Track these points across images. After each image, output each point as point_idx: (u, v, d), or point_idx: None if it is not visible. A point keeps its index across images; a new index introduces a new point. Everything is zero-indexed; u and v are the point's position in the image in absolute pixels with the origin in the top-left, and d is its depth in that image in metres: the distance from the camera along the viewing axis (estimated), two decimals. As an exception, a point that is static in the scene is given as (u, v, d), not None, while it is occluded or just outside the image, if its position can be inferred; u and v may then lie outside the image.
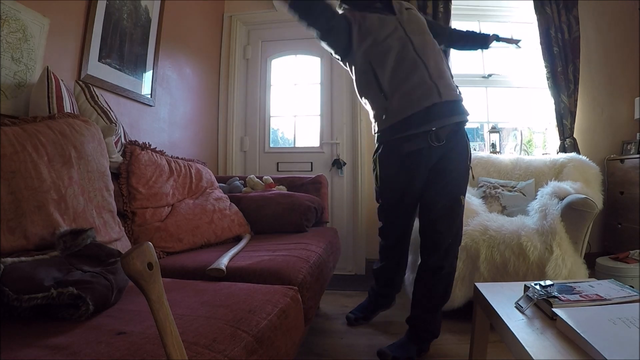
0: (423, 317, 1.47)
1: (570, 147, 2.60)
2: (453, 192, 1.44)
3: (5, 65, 1.26)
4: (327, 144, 2.94)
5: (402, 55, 1.43)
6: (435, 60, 1.45)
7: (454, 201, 1.44)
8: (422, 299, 1.48)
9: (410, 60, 1.42)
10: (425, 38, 1.49)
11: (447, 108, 1.40)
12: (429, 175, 1.46)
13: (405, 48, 1.43)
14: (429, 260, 1.46)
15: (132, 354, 0.60)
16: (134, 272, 0.49)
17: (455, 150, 1.44)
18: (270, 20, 2.99)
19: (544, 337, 0.77)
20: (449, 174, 1.44)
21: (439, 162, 1.44)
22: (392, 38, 1.44)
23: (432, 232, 1.45)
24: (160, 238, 1.47)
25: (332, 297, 2.24)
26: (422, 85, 1.39)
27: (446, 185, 1.44)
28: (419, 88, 1.39)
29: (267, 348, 0.77)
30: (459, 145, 1.46)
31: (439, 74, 1.42)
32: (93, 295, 0.78)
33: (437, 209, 1.44)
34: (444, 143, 1.40)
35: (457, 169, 1.46)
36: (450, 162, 1.44)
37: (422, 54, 1.44)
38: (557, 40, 2.64)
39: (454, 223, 1.45)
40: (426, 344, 1.49)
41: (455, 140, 1.44)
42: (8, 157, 0.94)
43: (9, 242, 0.89)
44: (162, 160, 1.70)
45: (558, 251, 1.64)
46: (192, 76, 2.60)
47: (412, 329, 1.49)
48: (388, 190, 1.56)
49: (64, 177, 1.06)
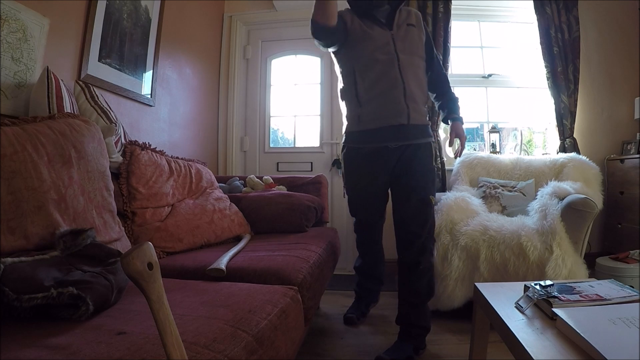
0: (411, 314, 1.50)
1: (570, 147, 2.60)
2: (420, 192, 1.50)
3: (5, 65, 1.26)
4: (327, 144, 2.95)
5: (385, 70, 1.49)
6: (416, 82, 1.51)
7: (422, 201, 1.50)
8: (407, 296, 1.52)
9: (391, 78, 1.48)
10: (413, 59, 1.53)
11: (412, 131, 1.51)
12: (394, 176, 1.53)
13: (391, 64, 1.49)
14: (404, 256, 1.52)
15: (132, 354, 0.60)
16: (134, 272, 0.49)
17: (417, 153, 1.51)
18: (270, 20, 2.99)
19: (544, 337, 0.77)
20: (413, 175, 1.50)
21: (400, 163, 1.51)
22: (380, 52, 1.49)
23: (404, 231, 1.52)
24: (160, 238, 1.46)
25: (332, 297, 2.24)
26: (396, 104, 1.48)
27: (413, 186, 1.50)
28: (392, 106, 1.48)
29: (267, 348, 0.77)
30: (421, 148, 1.53)
31: (414, 98, 1.49)
32: (93, 295, 0.78)
33: (407, 208, 1.51)
34: (404, 147, 1.50)
35: (421, 171, 1.52)
36: (413, 164, 1.51)
37: (405, 73, 1.49)
38: (557, 40, 2.64)
39: (425, 222, 1.50)
40: (421, 339, 1.51)
41: (417, 146, 1.52)
42: (8, 157, 0.94)
43: (9, 242, 0.89)
44: (162, 160, 1.70)
45: (558, 251, 1.64)
46: (192, 76, 2.60)
47: (404, 328, 1.51)
48: (353, 187, 1.66)
49: (64, 177, 1.06)
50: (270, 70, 3.08)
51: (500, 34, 3.02)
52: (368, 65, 1.51)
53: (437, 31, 2.64)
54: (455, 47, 2.81)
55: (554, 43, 2.63)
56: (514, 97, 2.98)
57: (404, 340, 1.49)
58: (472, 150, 2.80)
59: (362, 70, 1.52)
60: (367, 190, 1.62)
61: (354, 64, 1.53)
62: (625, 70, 2.76)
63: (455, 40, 2.79)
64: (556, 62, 2.63)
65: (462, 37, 2.97)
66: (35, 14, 1.37)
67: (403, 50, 1.50)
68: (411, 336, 1.49)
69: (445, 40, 2.65)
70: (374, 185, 1.59)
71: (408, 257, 1.50)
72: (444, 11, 2.66)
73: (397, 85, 1.47)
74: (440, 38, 2.63)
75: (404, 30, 1.54)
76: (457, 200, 2.00)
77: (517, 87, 2.96)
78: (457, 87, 2.95)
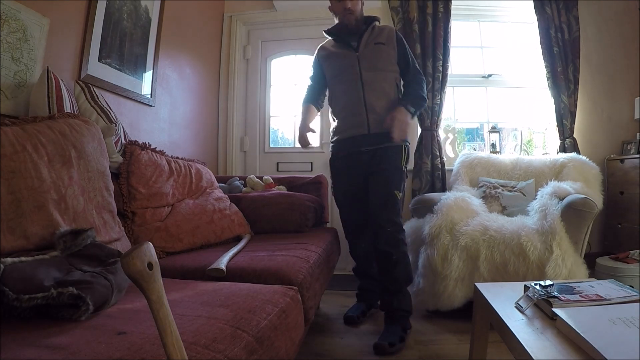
0: (393, 300, 1.65)
1: (570, 147, 2.60)
2: (386, 187, 1.67)
3: (5, 65, 1.26)
4: (327, 144, 2.93)
5: (348, 88, 1.75)
6: (378, 95, 1.72)
7: (388, 195, 1.66)
8: (386, 284, 1.67)
9: (354, 96, 1.73)
10: (377, 75, 1.73)
11: (374, 139, 1.72)
12: (367, 175, 1.73)
13: (354, 82, 1.73)
14: (377, 247, 1.67)
15: (132, 354, 0.60)
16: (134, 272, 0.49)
17: (386, 153, 1.71)
18: (270, 20, 2.99)
19: (544, 337, 0.77)
20: (382, 173, 1.69)
21: (372, 164, 1.71)
22: (346, 73, 1.76)
23: (373, 223, 1.68)
24: (160, 238, 1.47)
25: (332, 297, 2.24)
26: (357, 117, 1.73)
27: (380, 182, 1.69)
28: (354, 119, 1.74)
29: (267, 348, 0.77)
30: (390, 150, 1.71)
31: (375, 110, 1.71)
32: (93, 295, 0.78)
33: (374, 203, 1.68)
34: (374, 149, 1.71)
35: (387, 169, 1.70)
36: (381, 162, 1.70)
37: (367, 89, 1.72)
38: (557, 40, 2.64)
39: (390, 214, 1.65)
40: (405, 320, 1.66)
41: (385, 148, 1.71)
42: (8, 157, 0.94)
43: (9, 242, 0.89)
44: (162, 160, 1.70)
45: (558, 251, 1.64)
46: (192, 76, 2.60)
47: (388, 314, 1.66)
48: (337, 188, 1.88)
49: (64, 177, 1.06)
50: (270, 70, 3.08)
51: (500, 34, 3.01)
52: (336, 86, 1.82)
53: (437, 31, 2.64)
54: (455, 47, 2.81)
55: (554, 43, 2.63)
56: (514, 97, 2.98)
57: (391, 324, 1.62)
58: (472, 150, 2.80)
59: (332, 90, 1.86)
60: (348, 190, 1.82)
61: (329, 85, 1.88)
62: (625, 70, 2.76)
63: (455, 40, 2.78)
64: (556, 62, 2.63)
65: (462, 37, 2.96)
66: (35, 14, 1.37)
67: (367, 69, 1.72)
68: (397, 318, 1.63)
69: (445, 40, 2.65)
70: (353, 186, 1.79)
71: (380, 247, 1.64)
72: (444, 11, 2.66)
73: (358, 101, 1.72)
74: (440, 38, 2.63)
75: (371, 49, 1.74)
76: (457, 200, 2.00)
77: (517, 87, 2.96)
78: (457, 87, 2.96)
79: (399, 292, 1.66)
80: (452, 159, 2.74)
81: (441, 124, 2.72)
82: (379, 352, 1.49)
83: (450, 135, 2.86)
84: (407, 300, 1.68)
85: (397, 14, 2.71)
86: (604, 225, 2.68)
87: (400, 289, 1.66)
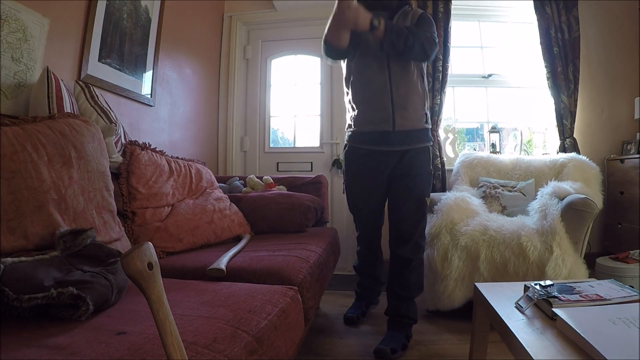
0: (401, 306, 1.59)
1: (570, 147, 2.60)
2: (417, 194, 1.59)
3: (5, 65, 1.26)
4: (327, 144, 2.94)
5: (374, 75, 1.54)
6: (406, 88, 1.53)
7: (419, 202, 1.59)
8: (397, 290, 1.61)
9: (380, 84, 1.53)
10: (405, 64, 1.54)
11: (397, 138, 1.55)
12: (392, 177, 1.61)
13: (381, 71, 1.53)
14: (397, 252, 1.60)
15: (132, 354, 0.60)
16: (134, 272, 0.49)
17: (416, 157, 1.58)
18: (270, 20, 2.99)
19: (544, 337, 0.77)
20: (413, 178, 1.58)
21: (399, 166, 1.58)
22: (372, 57, 1.54)
23: (399, 229, 1.60)
24: (160, 238, 1.46)
25: (332, 297, 2.24)
26: (383, 111, 1.53)
27: (411, 188, 1.58)
28: (379, 112, 1.54)
29: (267, 348, 0.77)
30: (420, 153, 1.59)
31: (402, 104, 1.52)
32: (93, 295, 0.78)
33: (404, 209, 1.59)
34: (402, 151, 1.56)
35: (420, 174, 1.59)
36: (412, 167, 1.58)
37: (395, 80, 1.52)
38: (557, 40, 2.64)
39: (419, 221, 1.61)
40: (409, 329, 1.61)
41: (416, 150, 1.58)
42: (8, 157, 0.94)
43: (9, 242, 0.89)
44: (162, 160, 1.70)
45: (558, 251, 1.64)
46: (192, 76, 2.60)
47: (394, 319, 1.61)
48: (352, 184, 1.73)
49: (64, 177, 1.06)
50: (270, 70, 3.08)
51: (500, 34, 3.01)
52: (360, 70, 1.58)
53: (437, 31, 2.63)
54: (455, 47, 2.81)
55: (554, 43, 2.63)
56: (514, 97, 2.98)
57: (395, 330, 1.58)
58: (472, 150, 2.80)
59: (355, 75, 1.60)
60: (365, 188, 1.69)
61: (350, 68, 1.63)
62: (625, 70, 2.76)
63: (455, 40, 2.78)
64: (556, 62, 2.63)
65: (462, 37, 2.96)
66: (35, 14, 1.37)
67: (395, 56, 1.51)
68: (401, 325, 1.58)
69: (445, 40, 2.65)
70: (372, 184, 1.66)
71: (402, 254, 1.59)
72: (444, 11, 2.66)
73: (385, 92, 1.52)
74: (440, 38, 2.63)
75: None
76: (457, 200, 2.00)
77: (517, 87, 2.96)
78: (457, 87, 2.96)
79: (409, 299, 1.61)
80: (452, 159, 2.75)
81: (441, 124, 2.72)
82: (380, 356, 1.46)
83: (450, 135, 2.86)
84: (414, 308, 1.64)
85: (397, 14, 2.71)
86: (604, 225, 2.68)
87: (411, 297, 1.62)
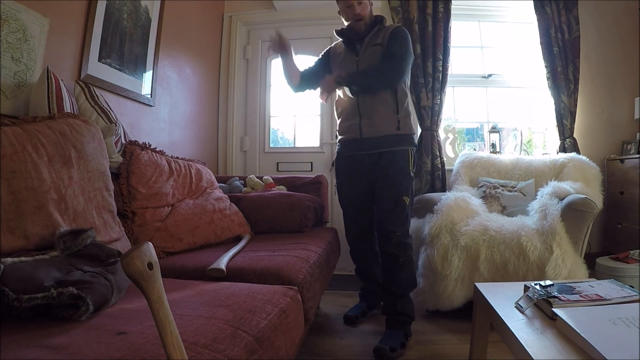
0: (396, 304, 1.63)
1: (570, 147, 2.60)
2: (394, 193, 1.66)
3: (5, 65, 1.26)
4: (327, 144, 2.94)
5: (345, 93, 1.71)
6: (372, 100, 1.67)
7: (396, 201, 1.65)
8: (390, 287, 1.65)
9: (349, 100, 1.72)
10: None
11: (367, 144, 1.70)
12: (373, 179, 1.71)
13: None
14: (384, 249, 1.68)
15: (132, 354, 0.60)
16: (134, 272, 0.49)
17: (393, 158, 1.67)
18: (270, 20, 2.98)
19: (544, 337, 0.77)
20: (389, 179, 1.67)
21: (377, 168, 1.68)
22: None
23: (381, 227, 1.68)
24: (160, 238, 1.46)
25: (332, 297, 2.24)
26: (351, 120, 1.73)
27: (388, 188, 1.67)
28: (349, 122, 1.74)
29: (267, 348, 0.77)
30: (396, 155, 1.68)
31: (369, 114, 1.68)
32: (93, 295, 0.78)
33: (382, 208, 1.68)
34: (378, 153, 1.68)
35: (395, 175, 1.67)
36: (389, 168, 1.67)
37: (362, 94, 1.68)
38: (557, 40, 2.63)
39: (398, 219, 1.65)
40: (408, 327, 1.63)
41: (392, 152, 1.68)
42: (8, 157, 0.94)
43: (9, 242, 0.89)
44: (162, 160, 1.70)
45: (558, 251, 1.64)
46: (192, 76, 2.60)
47: (391, 317, 1.63)
48: (340, 186, 1.87)
49: (64, 177, 1.06)
50: (270, 70, 3.08)
51: (500, 34, 3.01)
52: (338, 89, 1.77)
53: (437, 31, 2.64)
54: (455, 47, 2.81)
55: (554, 43, 2.63)
56: (514, 97, 2.98)
57: (394, 329, 1.60)
58: (472, 150, 2.80)
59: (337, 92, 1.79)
60: (349, 189, 1.82)
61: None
62: (625, 70, 2.76)
63: (455, 40, 2.78)
64: (556, 62, 2.63)
65: (462, 37, 2.96)
66: (35, 14, 1.37)
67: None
68: (399, 323, 1.61)
69: (445, 40, 2.65)
70: (357, 186, 1.77)
71: (388, 251, 1.65)
72: (444, 11, 2.66)
73: (352, 103, 1.71)
74: (440, 38, 2.63)
75: (369, 52, 1.70)
76: (457, 200, 2.00)
77: (517, 87, 2.95)
78: (457, 87, 2.96)
79: (403, 296, 1.64)
80: (452, 159, 2.74)
81: (441, 124, 2.72)
82: (380, 356, 1.47)
83: (450, 135, 2.86)
84: (410, 305, 1.66)
85: (397, 14, 2.71)
86: (604, 225, 2.68)
87: (404, 293, 1.65)
